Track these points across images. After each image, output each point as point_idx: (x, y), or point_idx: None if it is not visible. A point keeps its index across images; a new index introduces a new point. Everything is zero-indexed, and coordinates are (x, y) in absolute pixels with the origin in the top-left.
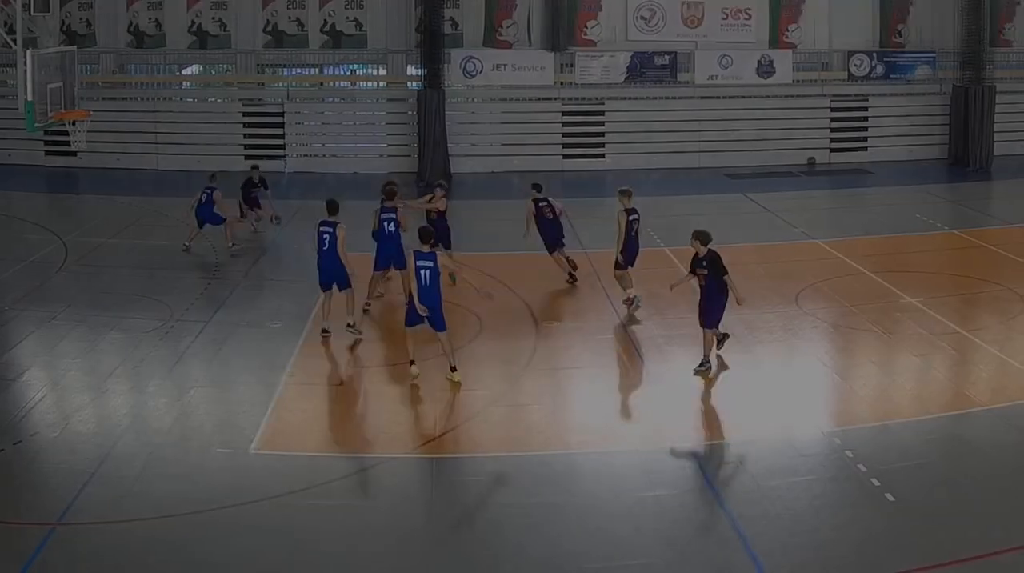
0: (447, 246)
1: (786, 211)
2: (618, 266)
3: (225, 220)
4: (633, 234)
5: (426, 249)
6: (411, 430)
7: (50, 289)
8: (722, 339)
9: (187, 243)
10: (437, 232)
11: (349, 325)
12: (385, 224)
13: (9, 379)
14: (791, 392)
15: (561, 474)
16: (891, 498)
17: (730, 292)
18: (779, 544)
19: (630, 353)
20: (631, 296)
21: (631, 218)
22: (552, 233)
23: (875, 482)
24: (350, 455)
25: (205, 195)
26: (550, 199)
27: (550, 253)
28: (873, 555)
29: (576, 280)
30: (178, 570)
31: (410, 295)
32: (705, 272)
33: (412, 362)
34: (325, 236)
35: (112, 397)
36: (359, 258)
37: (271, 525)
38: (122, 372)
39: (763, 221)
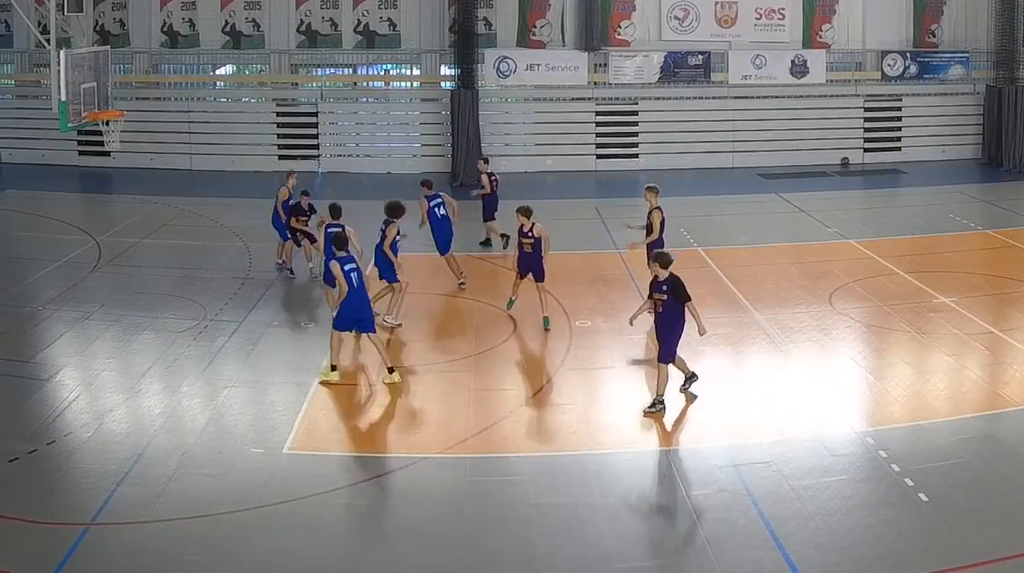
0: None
1: (819, 211)
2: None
3: (288, 239)
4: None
5: (344, 254)
6: (444, 430)
7: (83, 289)
8: (690, 378)
9: (279, 260)
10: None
11: (385, 321)
12: (436, 209)
13: (43, 379)
14: (824, 392)
15: (593, 474)
16: (925, 498)
17: (688, 321)
18: (812, 544)
19: None
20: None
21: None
22: (493, 204)
23: (909, 482)
24: (383, 455)
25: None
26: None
27: (485, 221)
28: (907, 555)
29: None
30: (211, 570)
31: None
32: (664, 297)
33: (334, 367)
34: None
35: (145, 397)
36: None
37: (304, 525)
38: (155, 372)
39: (796, 221)
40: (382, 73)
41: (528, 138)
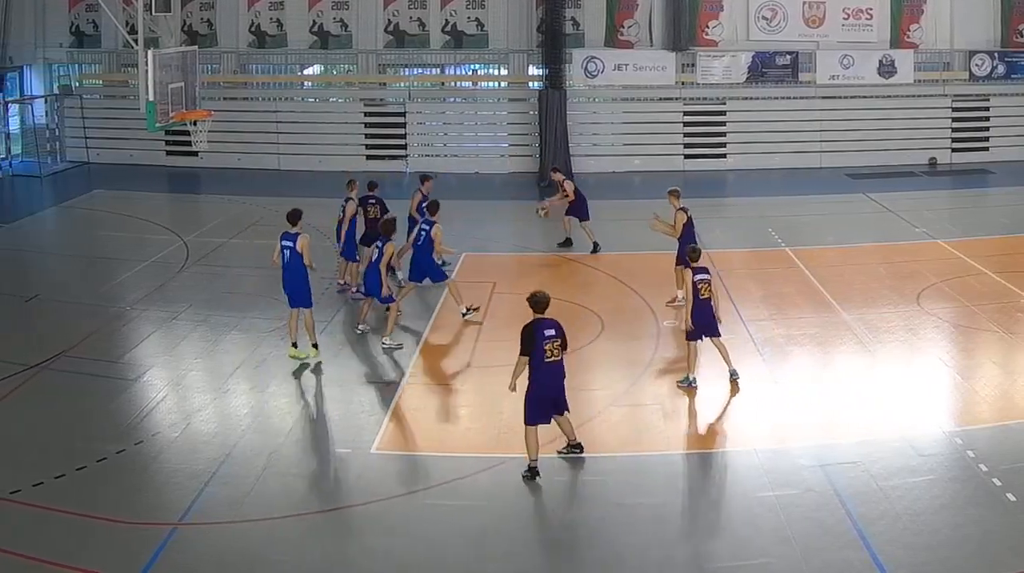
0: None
1: (907, 211)
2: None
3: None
4: (694, 231)
5: (293, 230)
6: None
7: (171, 289)
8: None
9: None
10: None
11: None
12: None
13: (131, 379)
14: (912, 392)
15: (680, 474)
16: (1012, 498)
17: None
18: (900, 544)
19: (750, 353)
20: (678, 296)
21: (689, 215)
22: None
23: (996, 482)
24: (470, 455)
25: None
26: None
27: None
28: (994, 555)
29: None
30: (299, 570)
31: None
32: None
33: (295, 344)
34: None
35: (233, 397)
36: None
37: (392, 525)
38: (243, 372)
39: (884, 221)
40: (470, 73)
41: (616, 138)
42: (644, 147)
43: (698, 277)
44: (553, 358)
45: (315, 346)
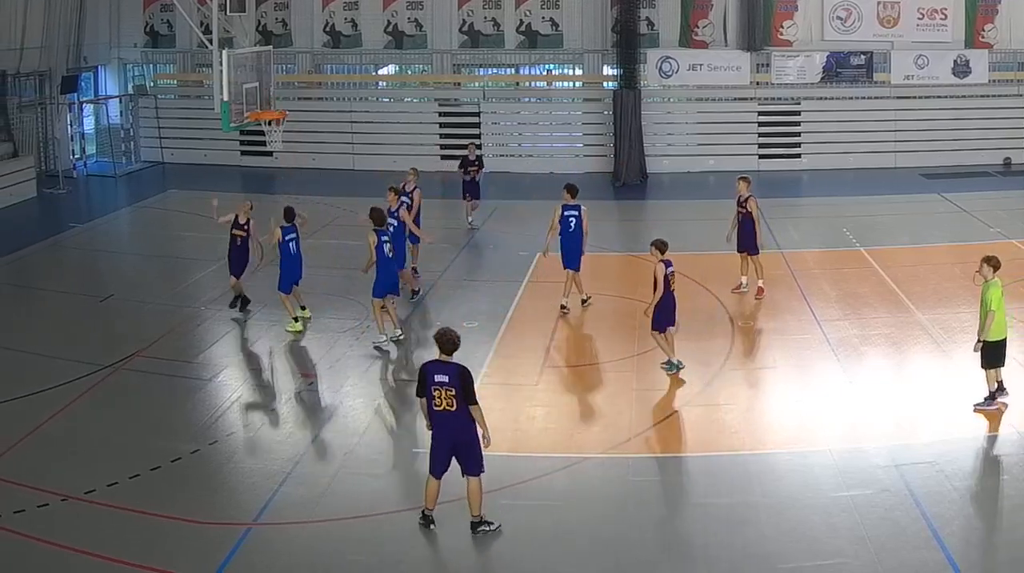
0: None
1: (982, 211)
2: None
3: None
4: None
5: (291, 225)
6: (606, 430)
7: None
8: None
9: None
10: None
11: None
12: (570, 220)
13: (205, 379)
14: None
15: (755, 474)
16: None
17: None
18: (975, 545)
19: (825, 353)
20: (761, 286)
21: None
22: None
23: None
24: (545, 455)
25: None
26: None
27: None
28: None
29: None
30: (374, 570)
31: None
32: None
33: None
34: (571, 219)
35: (307, 397)
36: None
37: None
38: (318, 372)
39: (959, 221)
40: (544, 73)
41: (690, 138)
42: (718, 147)
43: (670, 269)
44: (443, 408)
45: (303, 307)
